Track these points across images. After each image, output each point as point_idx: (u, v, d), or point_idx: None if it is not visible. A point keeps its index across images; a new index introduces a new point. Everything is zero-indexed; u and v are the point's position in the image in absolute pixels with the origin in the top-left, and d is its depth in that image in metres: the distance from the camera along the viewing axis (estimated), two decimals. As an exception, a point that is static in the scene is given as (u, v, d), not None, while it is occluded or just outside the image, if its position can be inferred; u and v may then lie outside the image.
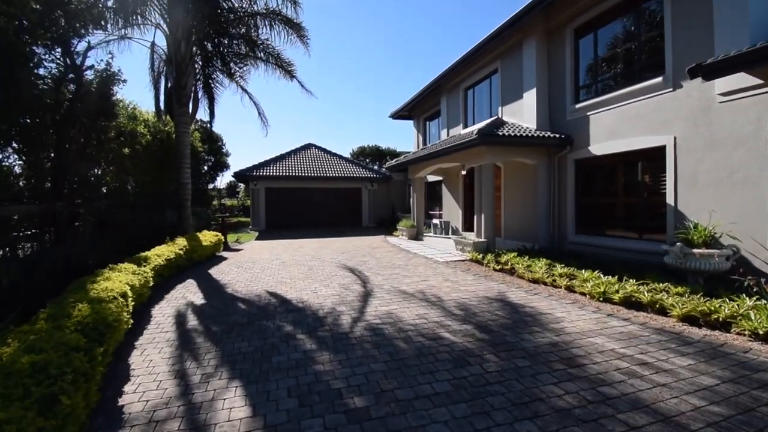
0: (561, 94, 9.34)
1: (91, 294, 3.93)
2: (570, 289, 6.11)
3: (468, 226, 13.67)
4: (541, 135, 8.97)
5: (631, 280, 5.75)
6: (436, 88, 15.10)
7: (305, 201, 19.96)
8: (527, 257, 7.93)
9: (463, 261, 9.07)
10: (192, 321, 5.01)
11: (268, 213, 19.29)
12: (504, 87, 11.09)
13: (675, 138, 6.70)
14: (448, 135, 14.64)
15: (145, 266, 6.07)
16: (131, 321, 4.30)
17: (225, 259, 10.22)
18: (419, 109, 18.35)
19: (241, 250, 12.07)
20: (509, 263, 7.75)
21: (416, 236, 13.86)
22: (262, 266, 9.02)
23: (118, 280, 4.66)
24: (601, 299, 5.53)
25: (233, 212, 36.61)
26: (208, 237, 10.60)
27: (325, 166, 20.70)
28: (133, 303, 4.61)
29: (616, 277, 6.03)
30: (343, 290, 6.41)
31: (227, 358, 3.80)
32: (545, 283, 6.58)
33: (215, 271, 8.47)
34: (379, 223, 20.76)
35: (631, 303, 5.24)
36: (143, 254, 6.86)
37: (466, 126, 13.54)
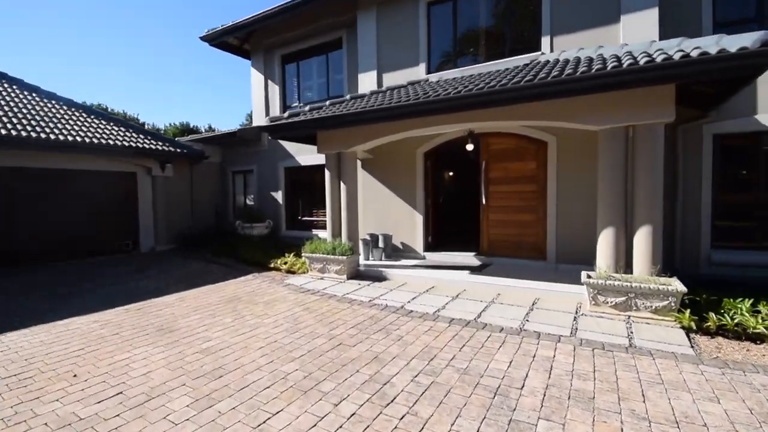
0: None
1: None
2: None
3: (437, 243, 8.05)
4: None
5: None
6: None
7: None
8: None
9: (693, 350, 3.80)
10: None
11: None
12: None
13: None
14: (380, 84, 8.26)
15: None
16: None
17: None
18: (274, 38, 10.40)
19: None
20: None
21: (356, 271, 6.82)
22: None
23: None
24: None
25: None
26: None
27: (43, 121, 8.28)
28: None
29: None
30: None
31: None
32: None
33: None
34: (183, 241, 10.67)
35: None
36: None
37: (431, 69, 7.79)
